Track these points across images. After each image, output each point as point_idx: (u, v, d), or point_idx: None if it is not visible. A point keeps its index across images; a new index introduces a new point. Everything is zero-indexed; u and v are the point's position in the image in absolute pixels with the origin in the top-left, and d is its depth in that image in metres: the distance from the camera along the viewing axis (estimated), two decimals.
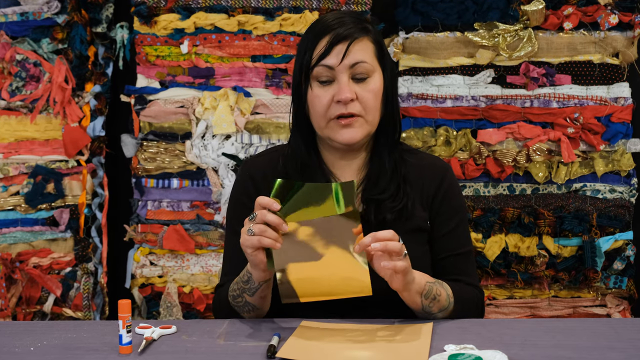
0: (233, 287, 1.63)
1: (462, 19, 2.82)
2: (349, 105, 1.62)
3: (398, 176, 1.69)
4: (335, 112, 1.62)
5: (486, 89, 2.83)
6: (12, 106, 2.91)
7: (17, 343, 1.46)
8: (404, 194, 1.67)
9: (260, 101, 2.86)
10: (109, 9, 2.90)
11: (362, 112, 1.63)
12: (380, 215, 1.65)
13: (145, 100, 2.87)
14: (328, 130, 1.65)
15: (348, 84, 1.61)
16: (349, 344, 1.42)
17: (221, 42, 2.85)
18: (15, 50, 2.88)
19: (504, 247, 2.81)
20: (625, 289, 2.85)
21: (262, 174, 1.74)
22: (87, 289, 2.89)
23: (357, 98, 1.62)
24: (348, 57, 1.61)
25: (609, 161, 2.81)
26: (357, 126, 1.63)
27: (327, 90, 1.63)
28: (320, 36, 1.63)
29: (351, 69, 1.62)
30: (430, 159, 1.79)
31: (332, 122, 1.64)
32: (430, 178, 1.73)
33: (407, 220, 1.67)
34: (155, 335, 1.46)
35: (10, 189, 2.91)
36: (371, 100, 1.63)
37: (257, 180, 1.74)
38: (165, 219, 2.91)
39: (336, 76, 1.62)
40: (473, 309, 1.69)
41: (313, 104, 1.65)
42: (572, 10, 2.78)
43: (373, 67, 1.64)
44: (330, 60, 1.62)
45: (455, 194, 1.75)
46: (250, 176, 1.75)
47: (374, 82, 1.64)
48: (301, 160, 1.70)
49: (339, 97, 1.60)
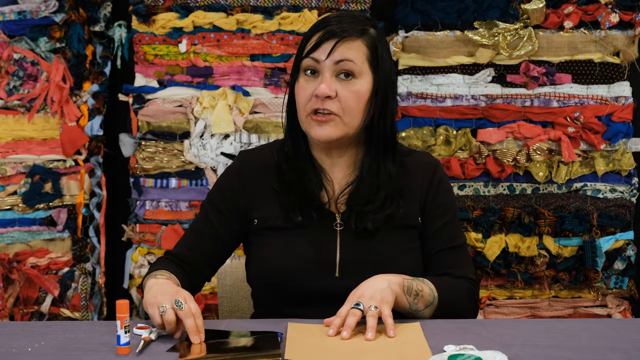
0: (155, 274, 1.61)
1: (462, 17, 2.81)
2: (326, 101, 1.61)
3: (388, 186, 1.67)
4: (313, 106, 1.62)
5: (486, 88, 2.82)
6: (10, 105, 2.90)
7: (14, 344, 1.45)
8: (392, 204, 1.66)
9: (259, 100, 2.85)
10: (107, 8, 2.90)
11: (340, 111, 1.62)
12: (361, 225, 1.65)
13: (143, 100, 2.86)
14: (306, 124, 1.66)
15: (329, 80, 1.61)
16: (349, 344, 1.42)
17: (220, 41, 2.84)
18: (12, 49, 2.87)
19: (504, 247, 2.81)
20: (626, 289, 2.84)
21: (251, 169, 1.75)
22: (85, 289, 2.88)
23: (337, 96, 1.61)
24: (334, 53, 1.60)
25: (609, 161, 2.81)
26: (332, 125, 1.62)
27: (311, 84, 1.63)
28: (316, 31, 1.65)
29: (336, 66, 1.61)
30: (420, 157, 1.79)
31: (309, 117, 1.64)
32: (422, 175, 1.73)
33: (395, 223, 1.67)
34: (153, 336, 1.45)
35: (7, 189, 2.90)
36: (351, 102, 1.62)
37: (244, 175, 1.74)
38: (163, 218, 2.90)
39: (321, 70, 1.62)
40: (465, 301, 1.67)
41: (297, 95, 1.67)
42: (572, 9, 2.77)
43: (361, 69, 1.62)
44: (317, 54, 1.62)
45: (445, 189, 1.75)
46: (238, 170, 1.77)
47: (359, 84, 1.63)
48: (293, 156, 1.71)
49: (317, 91, 1.61)
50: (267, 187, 1.72)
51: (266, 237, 1.69)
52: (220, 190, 1.77)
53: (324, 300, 1.61)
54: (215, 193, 1.78)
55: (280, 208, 1.69)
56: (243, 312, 2.00)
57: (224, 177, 1.79)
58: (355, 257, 1.64)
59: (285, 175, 1.70)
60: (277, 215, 1.68)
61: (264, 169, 1.73)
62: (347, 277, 1.62)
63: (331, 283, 1.62)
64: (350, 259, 1.64)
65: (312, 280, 1.62)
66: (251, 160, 1.77)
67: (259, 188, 1.72)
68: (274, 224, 1.69)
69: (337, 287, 1.60)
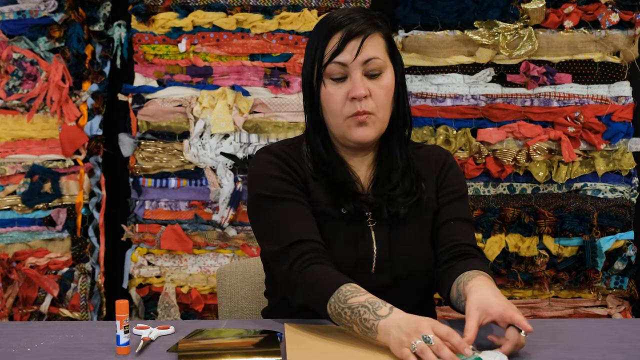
0: (348, 325, 1.45)
1: (462, 17, 2.81)
2: (363, 102, 1.61)
3: (411, 171, 1.69)
4: (351, 111, 1.61)
5: (486, 88, 2.82)
6: (9, 105, 2.90)
7: (14, 344, 1.45)
8: (417, 189, 1.67)
9: (258, 100, 2.85)
10: (106, 7, 2.89)
11: (375, 109, 1.62)
12: (392, 210, 1.64)
13: (142, 99, 2.86)
14: (344, 128, 1.64)
15: (362, 81, 1.60)
16: (350, 344, 1.41)
17: (219, 40, 2.84)
18: (12, 49, 2.87)
19: (504, 247, 2.81)
20: (626, 289, 2.84)
21: (288, 156, 1.68)
22: (84, 289, 2.87)
23: (371, 95, 1.61)
24: (361, 53, 1.60)
25: (609, 160, 2.80)
26: (370, 125, 1.62)
27: (341, 88, 1.62)
28: (332, 33, 1.62)
29: (364, 66, 1.61)
30: (432, 149, 1.82)
31: (348, 120, 1.63)
32: (435, 163, 1.75)
33: (422, 212, 1.68)
34: (152, 336, 1.45)
35: (7, 189, 2.89)
36: (383, 97, 1.63)
37: (286, 159, 1.66)
38: (163, 218, 2.90)
39: (349, 73, 1.61)
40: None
41: (327, 101, 1.64)
42: (572, 9, 2.77)
43: (385, 63, 1.63)
44: (343, 56, 1.60)
45: (456, 173, 1.77)
46: (276, 155, 1.67)
47: (386, 78, 1.64)
48: (322, 159, 1.69)
49: (354, 94, 1.59)
50: (306, 174, 1.66)
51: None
52: (274, 176, 1.64)
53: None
54: (272, 183, 1.63)
55: (325, 196, 1.63)
56: (243, 312, 1.99)
57: (266, 166, 1.66)
58: (389, 253, 1.64)
59: (323, 167, 1.66)
60: (326, 202, 1.63)
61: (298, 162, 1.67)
62: (381, 273, 1.63)
63: (367, 279, 1.59)
64: (385, 255, 1.64)
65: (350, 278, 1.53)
66: (280, 150, 1.69)
67: (305, 172, 1.66)
68: (323, 209, 1.62)
69: (373, 283, 1.58)
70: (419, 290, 1.68)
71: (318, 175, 1.66)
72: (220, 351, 1.36)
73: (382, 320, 1.36)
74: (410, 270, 1.64)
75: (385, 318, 1.36)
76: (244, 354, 1.34)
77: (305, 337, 1.45)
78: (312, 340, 1.43)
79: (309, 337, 1.46)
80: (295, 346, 1.39)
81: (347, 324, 1.42)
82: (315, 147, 1.69)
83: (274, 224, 1.60)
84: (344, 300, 1.43)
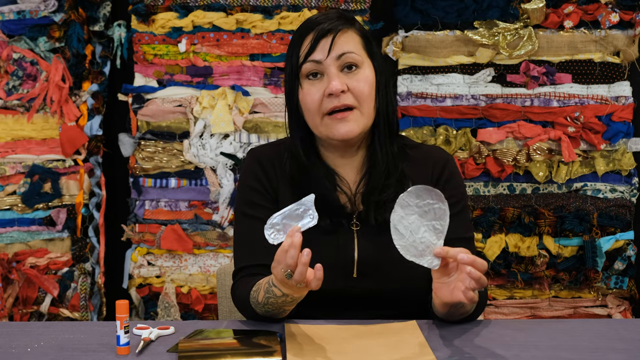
0: (263, 303, 1.54)
1: (462, 17, 2.81)
2: (341, 97, 1.58)
3: (397, 172, 1.66)
4: (328, 106, 1.59)
5: (486, 88, 2.82)
6: (9, 105, 2.90)
7: (13, 344, 1.45)
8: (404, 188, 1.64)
9: (258, 100, 2.85)
10: (106, 7, 2.89)
11: (356, 103, 1.60)
12: (380, 218, 1.62)
13: (142, 99, 2.86)
14: (323, 127, 1.62)
15: (337, 76, 1.59)
16: (350, 344, 1.41)
17: (219, 40, 2.84)
18: (12, 49, 2.87)
19: (504, 247, 2.80)
20: (626, 290, 2.84)
21: (269, 160, 1.70)
22: (84, 289, 2.87)
23: (349, 89, 1.59)
24: (334, 49, 1.59)
25: (609, 160, 2.80)
26: (352, 119, 1.60)
27: (317, 86, 1.61)
28: (306, 34, 1.62)
29: (339, 61, 1.60)
30: (432, 150, 1.77)
31: (326, 118, 1.61)
32: (432, 168, 1.71)
33: None
34: (153, 336, 1.45)
35: (7, 189, 2.89)
36: (363, 90, 1.60)
37: (264, 165, 1.70)
38: (163, 218, 2.90)
39: (325, 70, 1.60)
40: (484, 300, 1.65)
41: (305, 101, 1.62)
42: (572, 9, 2.77)
43: (361, 57, 1.62)
44: (317, 55, 1.60)
45: (457, 183, 1.72)
46: (258, 161, 1.71)
47: (364, 72, 1.61)
48: (301, 168, 1.67)
49: (330, 90, 1.58)
50: (285, 181, 1.68)
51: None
52: (249, 186, 1.70)
53: (341, 301, 1.60)
54: (244, 192, 1.70)
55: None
56: None
57: (246, 174, 1.72)
58: (372, 258, 1.61)
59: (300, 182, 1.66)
60: None
61: (279, 165, 1.69)
62: (364, 278, 1.61)
63: (349, 284, 1.60)
64: (368, 260, 1.61)
65: (329, 281, 1.53)
66: (266, 154, 1.72)
67: (280, 178, 1.68)
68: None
69: (354, 288, 1.59)
70: (406, 299, 1.62)
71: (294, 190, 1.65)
72: (220, 351, 1.36)
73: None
74: (394, 278, 1.60)
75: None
76: (244, 354, 1.34)
77: (305, 337, 1.45)
78: (312, 340, 1.44)
79: (309, 337, 1.46)
80: (295, 346, 1.40)
81: (271, 306, 1.51)
82: (295, 154, 1.68)
83: (235, 243, 1.71)
84: (255, 298, 1.54)
